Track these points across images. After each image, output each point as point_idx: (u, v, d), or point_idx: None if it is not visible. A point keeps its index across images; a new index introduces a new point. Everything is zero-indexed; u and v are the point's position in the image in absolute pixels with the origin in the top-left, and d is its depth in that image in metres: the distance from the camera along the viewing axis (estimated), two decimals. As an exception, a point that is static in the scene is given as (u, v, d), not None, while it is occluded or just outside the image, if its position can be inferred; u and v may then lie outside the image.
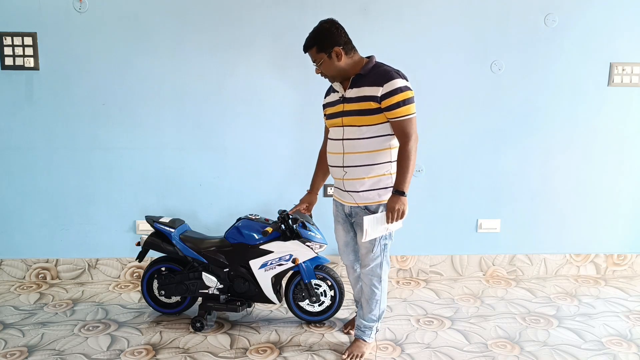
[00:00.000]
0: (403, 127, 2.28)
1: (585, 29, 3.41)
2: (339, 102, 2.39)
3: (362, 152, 2.33)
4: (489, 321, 2.98)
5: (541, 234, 3.66)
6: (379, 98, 2.24)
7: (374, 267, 2.47)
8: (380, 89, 2.24)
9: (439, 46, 3.39)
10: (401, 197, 2.29)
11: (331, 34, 2.30)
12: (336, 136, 2.41)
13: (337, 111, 2.39)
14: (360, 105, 2.29)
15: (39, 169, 3.38)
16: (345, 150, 2.37)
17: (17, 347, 2.65)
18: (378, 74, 2.28)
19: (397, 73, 2.28)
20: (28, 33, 3.22)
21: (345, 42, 2.32)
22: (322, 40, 2.30)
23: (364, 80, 2.30)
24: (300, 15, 3.30)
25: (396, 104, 2.24)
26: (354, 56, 2.35)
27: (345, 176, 2.39)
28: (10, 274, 3.49)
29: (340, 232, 2.61)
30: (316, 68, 2.37)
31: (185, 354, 2.62)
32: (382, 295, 2.54)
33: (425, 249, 3.64)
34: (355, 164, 2.35)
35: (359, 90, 2.30)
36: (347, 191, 2.42)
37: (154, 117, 3.36)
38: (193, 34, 3.28)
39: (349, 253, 2.65)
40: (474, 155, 3.53)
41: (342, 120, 2.36)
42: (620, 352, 2.65)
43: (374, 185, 2.36)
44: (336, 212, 2.60)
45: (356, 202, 2.40)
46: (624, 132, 3.56)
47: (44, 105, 3.31)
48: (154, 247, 2.95)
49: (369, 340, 2.61)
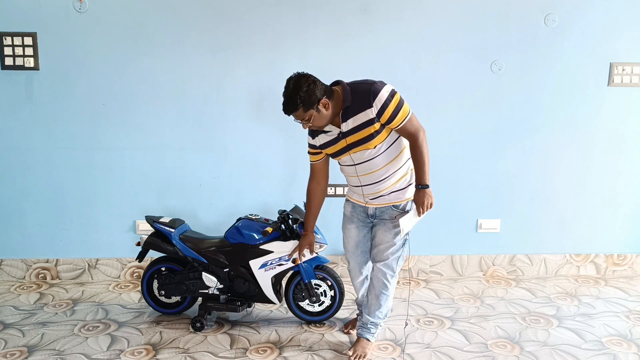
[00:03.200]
0: (408, 129, 2.31)
1: (585, 29, 3.41)
2: (338, 139, 2.37)
3: (377, 169, 2.37)
4: (489, 321, 2.98)
5: (541, 234, 3.66)
6: (375, 118, 2.26)
7: (391, 260, 2.50)
8: (372, 109, 2.24)
9: (439, 46, 3.38)
10: (426, 190, 2.35)
11: (311, 90, 2.22)
12: (347, 163, 2.44)
13: (340, 148, 2.39)
14: (362, 133, 2.30)
15: (39, 169, 3.38)
16: (359, 173, 2.41)
17: (17, 347, 2.65)
18: (361, 96, 2.26)
19: (375, 84, 2.26)
20: (28, 33, 3.22)
21: (325, 89, 2.26)
22: (307, 99, 2.22)
23: (352, 109, 2.28)
24: (300, 15, 3.30)
25: (393, 113, 2.26)
26: (334, 96, 2.29)
27: (364, 191, 2.45)
28: (10, 274, 3.49)
29: (353, 232, 2.59)
30: (304, 125, 2.31)
31: (185, 354, 2.62)
32: (391, 292, 2.56)
33: (425, 249, 3.64)
34: (373, 182, 2.40)
35: (354, 120, 2.29)
36: (369, 202, 2.47)
37: (154, 117, 3.36)
38: (193, 34, 3.28)
39: (358, 255, 2.63)
40: (474, 155, 3.53)
41: (350, 153, 2.38)
42: (620, 352, 2.65)
43: (397, 187, 2.41)
44: (351, 213, 2.58)
45: (382, 204, 2.45)
46: (624, 132, 3.56)
47: (44, 105, 3.31)
48: (154, 247, 2.95)
49: (372, 339, 2.62)
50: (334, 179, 3.50)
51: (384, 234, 2.48)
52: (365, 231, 2.58)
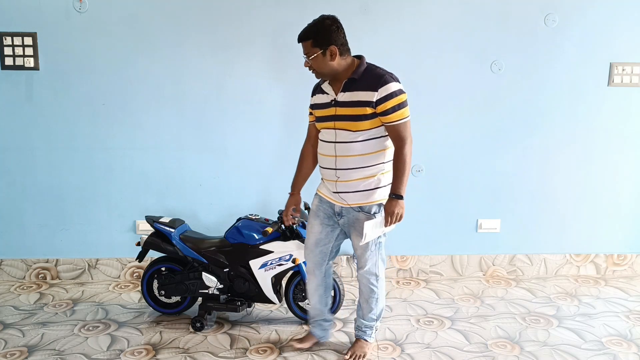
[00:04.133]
0: (399, 131, 2.27)
1: (585, 29, 3.41)
2: (330, 105, 2.33)
3: (356, 155, 2.30)
4: (489, 321, 2.98)
5: (541, 234, 3.66)
6: (374, 103, 2.22)
7: (370, 266, 2.45)
8: (375, 94, 2.22)
9: (439, 46, 3.38)
10: (399, 201, 2.29)
11: (331, 31, 2.24)
12: (328, 138, 2.36)
13: (329, 114, 2.34)
14: (354, 110, 2.26)
15: (39, 169, 3.38)
16: (338, 153, 2.32)
17: (17, 347, 2.66)
18: (371, 77, 2.25)
19: (391, 76, 2.26)
20: (28, 33, 3.21)
21: (342, 43, 2.29)
22: (320, 35, 2.23)
23: (357, 84, 2.27)
24: (300, 15, 3.27)
25: (392, 109, 2.23)
26: (347, 58, 2.31)
27: (339, 178, 2.35)
28: (10, 274, 3.49)
29: (316, 228, 2.48)
30: (306, 61, 2.31)
31: (185, 354, 2.62)
32: (380, 293, 2.53)
33: (425, 249, 3.64)
34: (348, 167, 2.31)
35: (352, 95, 2.26)
36: (338, 192, 2.37)
37: (154, 117, 3.36)
38: (193, 34, 3.28)
39: (317, 254, 2.52)
40: (474, 155, 3.53)
41: (335, 124, 2.32)
42: (620, 352, 2.65)
43: (368, 186, 2.33)
44: (318, 207, 2.48)
45: (349, 204, 2.36)
46: (624, 132, 3.56)
47: (44, 105, 3.31)
48: (154, 247, 2.95)
49: (371, 340, 2.61)
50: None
51: (356, 239, 2.41)
52: (329, 230, 2.47)
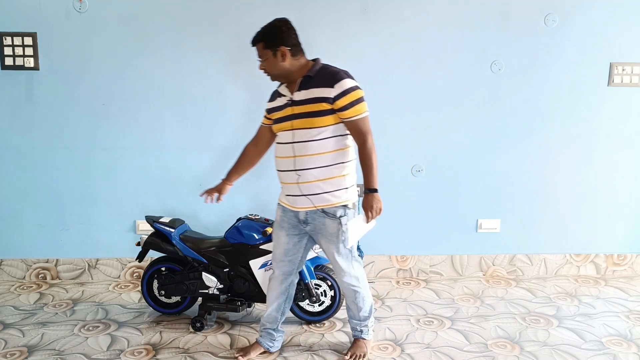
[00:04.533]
0: (359, 126, 2.27)
1: (585, 29, 3.41)
2: (286, 106, 2.33)
3: (315, 154, 2.28)
4: (489, 321, 2.98)
5: (541, 234, 3.66)
6: (331, 99, 2.22)
7: (348, 271, 2.43)
8: (332, 90, 2.22)
9: (439, 46, 3.38)
10: (375, 195, 2.30)
11: (280, 32, 2.28)
12: (285, 140, 2.34)
13: (285, 115, 2.33)
14: (311, 107, 2.25)
15: (39, 169, 3.38)
16: (296, 154, 2.30)
17: (17, 347, 2.65)
18: (327, 75, 2.26)
19: (346, 73, 2.28)
20: (28, 33, 3.22)
21: (294, 44, 2.30)
22: (270, 38, 2.27)
23: (312, 81, 2.27)
24: (300, 15, 3.28)
25: (350, 104, 2.23)
26: (300, 59, 2.32)
27: (300, 179, 2.31)
28: (10, 274, 3.49)
29: (282, 239, 2.45)
30: (260, 64, 2.34)
31: (185, 354, 2.62)
32: (364, 291, 2.51)
33: (425, 249, 3.64)
34: (308, 167, 2.29)
35: (308, 92, 2.27)
36: (304, 195, 2.32)
37: (154, 117, 3.36)
38: (193, 34, 3.28)
39: (286, 264, 2.48)
40: (474, 155, 3.53)
41: (292, 123, 2.30)
42: (620, 352, 2.65)
43: (331, 187, 2.31)
44: (282, 217, 2.45)
45: (314, 206, 2.32)
46: (624, 132, 3.56)
47: (44, 105, 3.31)
48: (154, 247, 2.95)
49: (369, 337, 2.60)
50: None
51: (327, 246, 2.39)
52: (296, 240, 2.44)
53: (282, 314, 2.61)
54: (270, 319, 2.59)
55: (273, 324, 2.60)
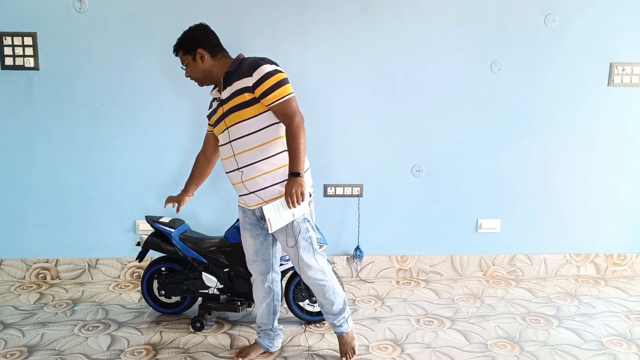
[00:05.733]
0: (283, 109, 2.21)
1: (585, 29, 3.41)
2: (218, 107, 2.34)
3: (253, 147, 2.26)
4: (489, 321, 2.98)
5: (541, 234, 3.66)
6: (251, 88, 2.20)
7: (310, 264, 2.37)
8: (250, 79, 2.20)
9: (439, 46, 3.38)
10: (297, 179, 2.20)
11: (196, 36, 2.30)
12: (224, 140, 2.34)
13: (218, 116, 2.33)
14: (236, 100, 2.24)
15: (39, 169, 3.38)
16: (236, 152, 2.30)
17: (17, 347, 2.65)
18: (246, 66, 2.25)
19: (264, 60, 2.25)
20: (28, 33, 3.21)
21: (212, 45, 2.31)
22: (187, 43, 2.30)
23: (233, 76, 2.27)
24: (300, 15, 3.30)
25: (270, 89, 2.19)
26: (221, 59, 2.32)
27: (243, 177, 2.30)
28: (10, 274, 3.49)
29: (249, 240, 2.46)
30: (185, 72, 2.36)
31: (185, 354, 2.62)
32: (333, 283, 2.45)
33: (425, 249, 3.64)
34: (249, 162, 2.27)
35: (231, 88, 2.26)
36: (251, 192, 2.31)
37: (154, 117, 3.36)
38: (193, 34, 3.28)
39: (259, 263, 2.49)
40: (474, 155, 3.53)
41: (225, 122, 2.30)
42: (620, 352, 2.65)
43: (276, 179, 2.28)
44: (243, 218, 2.45)
45: (264, 200, 2.30)
46: (624, 132, 3.56)
47: (44, 105, 3.31)
48: (154, 247, 2.95)
49: (349, 329, 2.54)
50: (332, 178, 3.51)
51: (282, 239, 2.37)
52: (262, 239, 2.44)
53: (274, 313, 2.60)
54: (264, 320, 2.59)
55: (267, 324, 2.60)
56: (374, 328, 2.89)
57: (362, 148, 3.47)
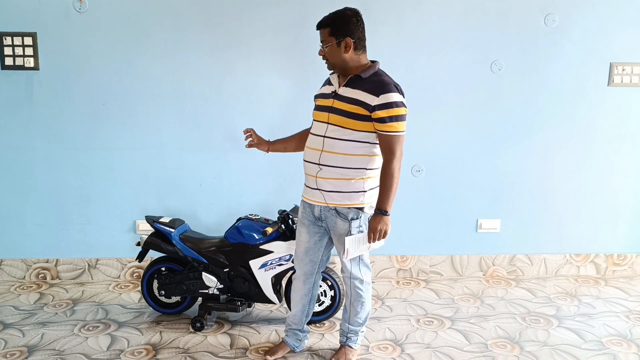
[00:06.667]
0: (391, 142, 2.22)
1: (585, 29, 3.41)
2: (330, 97, 2.32)
3: (341, 153, 2.26)
4: (489, 321, 2.98)
5: (541, 234, 3.66)
6: (371, 107, 2.19)
7: (353, 271, 2.40)
8: (376, 99, 2.18)
9: (439, 46, 3.38)
10: (384, 217, 2.23)
11: (350, 23, 2.23)
12: (318, 132, 2.33)
13: (326, 105, 2.31)
14: (350, 107, 2.23)
15: (38, 169, 3.38)
16: (325, 148, 2.29)
17: (17, 347, 2.66)
18: (377, 82, 2.23)
19: (396, 87, 2.23)
20: (28, 33, 3.21)
21: (359, 38, 2.25)
22: (339, 25, 2.23)
23: (361, 83, 2.24)
24: (300, 15, 3.30)
25: (388, 118, 2.19)
26: (360, 55, 2.28)
27: (320, 173, 2.30)
28: (10, 274, 3.49)
29: (304, 236, 2.46)
30: (320, 49, 2.31)
31: (185, 354, 2.62)
32: (366, 297, 2.46)
33: (425, 249, 3.64)
34: (331, 164, 2.28)
35: (353, 92, 2.24)
36: (318, 189, 2.32)
37: (154, 117, 3.36)
38: (193, 34, 3.28)
39: (306, 263, 2.48)
40: (474, 155, 3.53)
41: (329, 116, 2.28)
42: (620, 352, 2.65)
43: (346, 187, 2.28)
44: (303, 213, 2.46)
45: (325, 202, 2.32)
46: (624, 132, 3.56)
47: (44, 105, 3.31)
48: (154, 247, 2.95)
49: (355, 346, 2.54)
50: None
51: (337, 246, 2.39)
52: (317, 238, 2.43)
53: (307, 315, 2.60)
54: (296, 320, 2.59)
55: (298, 324, 2.60)
56: (374, 328, 2.89)
57: (362, 148, 3.47)
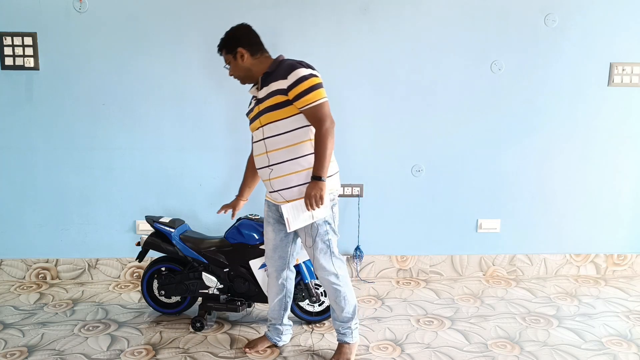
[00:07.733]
0: (315, 113, 2.24)
1: (585, 29, 3.41)
2: (254, 105, 2.39)
3: (284, 147, 2.30)
4: (489, 321, 2.98)
5: (541, 234, 3.66)
6: (285, 90, 2.25)
7: (326, 265, 2.39)
8: (286, 81, 2.25)
9: (439, 46, 3.38)
10: (318, 182, 2.23)
11: (236, 36, 2.36)
12: (257, 138, 2.39)
13: (254, 114, 2.39)
14: (270, 100, 2.29)
15: (38, 169, 3.38)
16: (268, 149, 2.34)
17: (17, 347, 2.66)
18: (283, 68, 2.29)
19: (300, 63, 2.28)
20: (28, 33, 3.21)
21: (252, 44, 2.35)
22: (228, 42, 2.36)
23: (271, 77, 2.31)
24: (299, 16, 3.30)
25: (303, 92, 2.22)
26: (261, 58, 2.37)
27: (272, 174, 2.34)
28: (10, 274, 3.49)
29: (270, 235, 2.51)
30: (228, 71, 2.41)
31: (185, 354, 2.62)
32: (346, 290, 2.46)
33: (425, 249, 3.64)
34: (279, 161, 2.32)
35: (268, 88, 2.31)
36: (275, 191, 2.36)
37: (153, 117, 3.36)
38: (193, 34, 3.28)
39: (276, 259, 2.53)
40: (474, 155, 3.53)
41: (260, 120, 2.34)
42: (620, 352, 2.65)
43: (301, 180, 2.31)
44: (267, 213, 2.51)
45: (286, 200, 2.34)
46: (624, 132, 3.56)
47: (44, 105, 3.31)
48: (154, 247, 2.95)
49: (352, 340, 2.54)
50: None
51: (302, 238, 2.40)
52: (282, 235, 2.48)
53: (285, 309, 2.65)
54: (275, 315, 2.64)
55: (277, 319, 2.64)
56: (374, 328, 2.89)
57: (362, 148, 3.47)
